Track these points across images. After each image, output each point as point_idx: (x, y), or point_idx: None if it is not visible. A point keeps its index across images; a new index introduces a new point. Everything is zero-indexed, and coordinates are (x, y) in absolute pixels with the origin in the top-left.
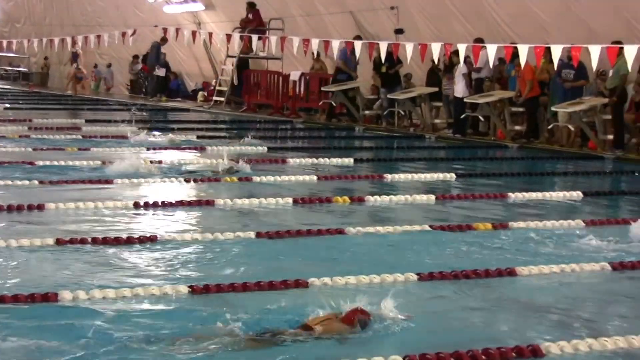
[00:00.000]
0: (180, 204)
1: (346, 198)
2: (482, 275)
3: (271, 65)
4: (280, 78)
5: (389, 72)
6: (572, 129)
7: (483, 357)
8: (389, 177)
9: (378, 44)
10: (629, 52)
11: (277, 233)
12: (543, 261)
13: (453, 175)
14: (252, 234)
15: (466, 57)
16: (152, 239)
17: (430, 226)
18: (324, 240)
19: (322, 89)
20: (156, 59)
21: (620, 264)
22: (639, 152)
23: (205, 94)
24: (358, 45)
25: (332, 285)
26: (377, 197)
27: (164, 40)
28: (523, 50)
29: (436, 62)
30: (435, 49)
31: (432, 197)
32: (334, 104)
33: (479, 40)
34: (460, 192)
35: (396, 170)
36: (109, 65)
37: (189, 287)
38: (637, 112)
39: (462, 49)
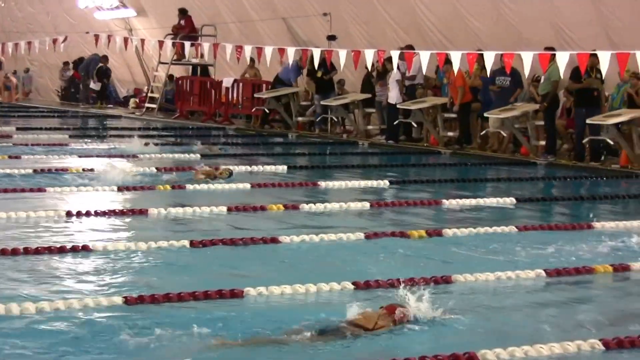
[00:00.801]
0: (113, 213)
1: (280, 205)
2: (418, 283)
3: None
4: (213, 84)
5: (324, 78)
6: (504, 135)
7: None
8: (323, 184)
9: (311, 50)
10: (561, 58)
11: (211, 242)
12: (478, 268)
13: (387, 182)
14: (186, 243)
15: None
16: (85, 249)
17: (365, 234)
18: (259, 249)
19: (255, 95)
20: (93, 70)
21: (555, 271)
22: (570, 158)
23: (137, 100)
24: (291, 51)
25: (268, 294)
26: (311, 204)
27: (106, 59)
28: (456, 57)
29: (370, 68)
30: (369, 56)
31: (367, 204)
32: (267, 111)
33: (410, 47)
34: (394, 199)
35: (330, 177)
36: (27, 71)
37: (124, 297)
38: (568, 118)
39: (395, 55)
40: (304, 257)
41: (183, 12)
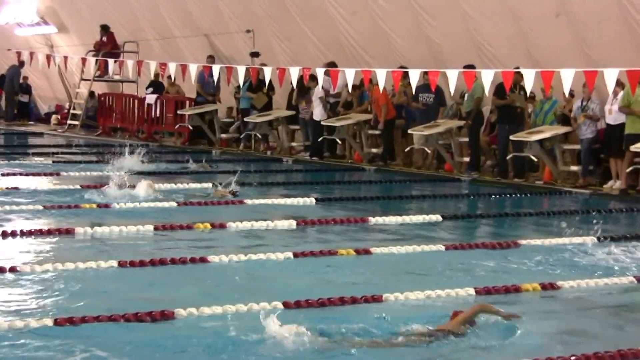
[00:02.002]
0: (39, 233)
1: (207, 224)
2: (349, 302)
3: (126, 89)
4: (136, 101)
5: (270, 94)
6: (428, 151)
7: None
8: (249, 201)
9: (236, 67)
10: (485, 76)
11: (140, 262)
12: (408, 286)
13: (313, 199)
14: (114, 263)
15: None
16: (13, 270)
17: (294, 253)
18: (188, 269)
19: (178, 112)
20: (18, 84)
21: (485, 289)
22: (493, 174)
23: (59, 117)
24: (216, 69)
25: (199, 314)
26: (238, 223)
27: (22, 63)
28: (381, 75)
29: (294, 85)
30: (294, 73)
31: (293, 222)
32: (191, 127)
33: (332, 63)
34: (320, 216)
35: (256, 194)
36: None
37: (54, 319)
38: (491, 134)
39: (320, 73)
40: (233, 277)
41: (105, 29)
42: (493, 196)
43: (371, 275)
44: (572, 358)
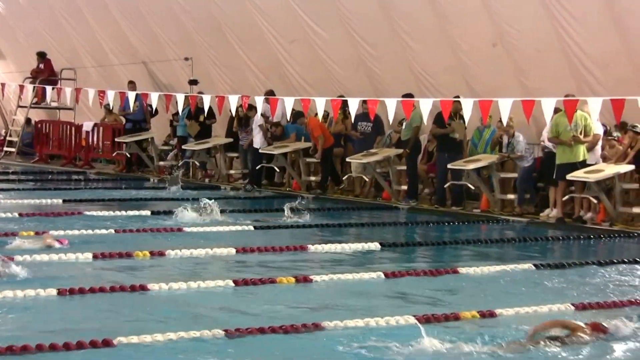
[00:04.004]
0: None
1: (146, 252)
2: (289, 331)
3: (63, 116)
4: (73, 128)
5: (207, 122)
6: (366, 179)
7: None
8: (187, 229)
9: (175, 95)
10: (424, 105)
11: (80, 290)
12: (347, 314)
13: (252, 227)
14: (53, 292)
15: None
16: None
17: (234, 280)
18: (128, 297)
19: (116, 139)
20: None
21: (424, 317)
22: (431, 202)
23: None
24: (155, 96)
25: (139, 342)
26: (177, 250)
27: None
28: (320, 103)
29: (234, 113)
30: (233, 101)
31: (233, 250)
32: (128, 155)
33: (271, 92)
34: (260, 244)
35: (194, 222)
36: None
37: None
38: (428, 162)
39: (259, 101)
40: (174, 305)
41: (42, 56)
42: (431, 224)
43: (312, 303)
44: None
